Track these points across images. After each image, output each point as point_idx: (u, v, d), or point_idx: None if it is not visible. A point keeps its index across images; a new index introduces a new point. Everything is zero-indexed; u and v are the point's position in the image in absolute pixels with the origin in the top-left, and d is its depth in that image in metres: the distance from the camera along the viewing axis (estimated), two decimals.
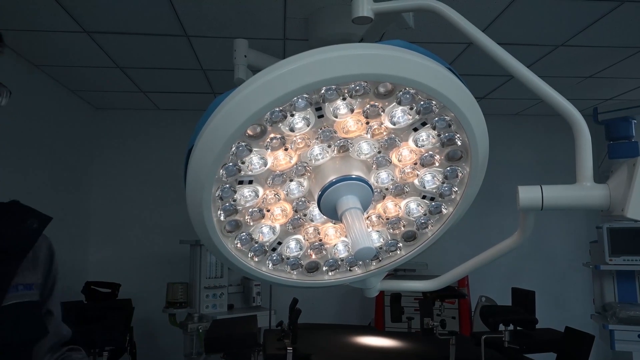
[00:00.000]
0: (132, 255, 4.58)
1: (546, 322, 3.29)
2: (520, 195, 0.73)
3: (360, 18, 0.87)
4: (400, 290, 1.44)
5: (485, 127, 0.73)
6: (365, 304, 4.75)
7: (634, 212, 0.66)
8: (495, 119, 4.31)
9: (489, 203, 4.48)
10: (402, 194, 0.83)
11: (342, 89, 0.65)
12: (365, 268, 0.91)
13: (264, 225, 0.81)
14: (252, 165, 0.72)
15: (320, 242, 0.87)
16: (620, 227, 3.52)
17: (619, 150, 3.70)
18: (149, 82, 3.96)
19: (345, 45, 0.62)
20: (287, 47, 3.18)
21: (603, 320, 3.57)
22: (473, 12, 2.71)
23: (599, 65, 3.60)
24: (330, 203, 0.73)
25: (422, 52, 0.66)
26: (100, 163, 4.66)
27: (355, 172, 0.74)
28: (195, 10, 2.66)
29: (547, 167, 4.89)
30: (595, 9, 2.69)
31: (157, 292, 4.10)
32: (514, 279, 4.41)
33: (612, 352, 3.58)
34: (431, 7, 0.81)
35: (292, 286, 0.90)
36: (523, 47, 3.22)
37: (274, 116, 0.65)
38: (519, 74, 0.76)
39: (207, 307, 3.88)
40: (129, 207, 4.67)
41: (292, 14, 2.71)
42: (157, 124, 4.78)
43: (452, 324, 3.91)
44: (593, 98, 4.42)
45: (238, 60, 1.65)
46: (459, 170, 0.78)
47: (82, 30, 2.90)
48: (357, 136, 0.74)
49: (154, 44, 3.15)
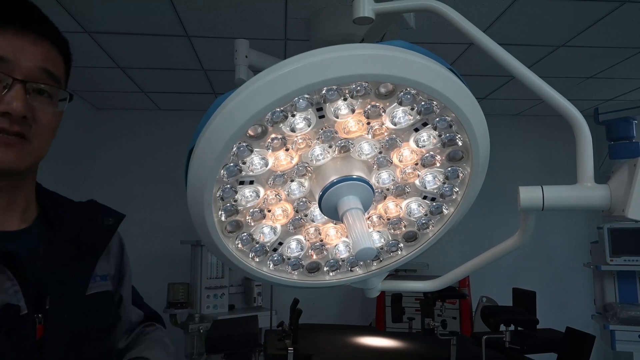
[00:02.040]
0: (133, 255, 4.47)
1: (547, 322, 3.29)
2: (521, 196, 0.73)
3: (361, 18, 0.87)
4: (401, 290, 1.44)
5: (486, 128, 0.73)
6: (366, 304, 4.75)
7: (635, 212, 0.66)
8: (496, 119, 4.31)
9: (490, 203, 4.47)
10: (403, 194, 0.83)
11: (343, 89, 0.65)
12: (366, 268, 0.91)
13: (265, 225, 0.81)
14: (253, 166, 0.72)
15: (321, 243, 0.87)
16: (621, 227, 3.52)
17: (619, 151, 3.70)
18: (150, 82, 3.97)
19: (346, 46, 0.62)
20: (288, 47, 3.18)
21: (604, 320, 3.56)
22: (474, 13, 2.71)
23: (600, 65, 3.60)
24: (331, 203, 0.73)
25: (423, 53, 0.66)
26: (101, 163, 4.66)
27: (356, 172, 0.74)
28: (197, 10, 2.67)
29: (548, 167, 4.89)
30: (596, 10, 2.69)
31: (158, 292, 4.09)
32: (514, 280, 4.41)
33: (613, 353, 3.58)
34: (432, 7, 0.81)
35: (293, 286, 0.90)
36: (524, 48, 3.22)
37: (275, 116, 0.65)
38: (520, 75, 0.76)
39: (208, 308, 3.88)
40: (130, 207, 4.66)
41: (293, 14, 2.71)
42: (158, 125, 4.78)
43: (453, 324, 3.90)
44: (594, 98, 4.41)
45: (239, 60, 1.65)
46: (460, 171, 0.78)
47: (83, 31, 2.90)
48: (358, 136, 0.74)
49: (155, 44, 3.15)
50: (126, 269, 1.12)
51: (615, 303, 3.59)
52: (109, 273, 1.03)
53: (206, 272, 3.92)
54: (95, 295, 0.95)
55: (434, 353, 2.78)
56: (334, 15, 2.05)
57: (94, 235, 0.99)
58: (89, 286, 0.94)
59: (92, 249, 0.98)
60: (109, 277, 1.03)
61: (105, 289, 0.99)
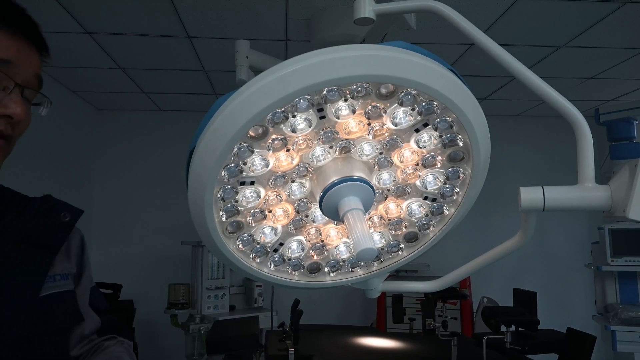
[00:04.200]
0: (134, 256, 4.58)
1: (548, 323, 3.29)
2: (521, 196, 0.73)
3: (362, 19, 0.87)
4: (402, 291, 1.44)
5: (487, 128, 0.73)
6: (367, 305, 4.74)
7: (636, 213, 0.66)
8: (496, 120, 4.30)
9: (490, 204, 4.47)
10: (404, 195, 0.83)
11: (343, 90, 0.65)
12: (367, 269, 0.91)
13: (265, 226, 0.81)
14: (254, 166, 0.72)
15: (322, 243, 0.87)
16: (622, 228, 3.51)
17: (620, 151, 3.70)
18: (151, 83, 3.97)
19: (347, 47, 0.62)
20: (289, 48, 3.18)
21: (605, 321, 3.56)
22: (475, 13, 2.71)
23: (601, 66, 3.60)
24: (332, 204, 0.73)
25: (423, 53, 0.66)
26: (102, 164, 4.67)
27: (357, 173, 0.74)
28: (197, 11, 2.67)
29: (548, 168, 4.89)
30: (597, 10, 2.69)
31: (159, 293, 4.10)
32: (515, 280, 4.41)
33: (613, 353, 3.57)
34: (433, 8, 0.81)
35: (293, 287, 0.90)
36: (525, 48, 3.22)
37: (276, 117, 0.65)
38: (521, 75, 0.76)
39: (209, 308, 3.88)
40: (131, 208, 4.68)
41: (294, 15, 2.71)
42: (159, 125, 4.79)
43: (454, 325, 3.90)
44: (595, 99, 4.41)
45: (240, 61, 1.64)
46: (460, 172, 0.78)
47: (84, 31, 2.90)
48: (358, 137, 0.74)
49: (155, 45, 3.15)
50: (85, 267, 1.06)
51: (616, 304, 3.59)
52: (70, 272, 0.99)
53: (207, 272, 3.93)
54: (53, 295, 0.91)
55: (434, 354, 2.78)
56: (335, 16, 2.04)
57: (50, 232, 0.95)
58: (46, 286, 0.90)
59: (48, 247, 0.93)
60: (71, 276, 0.99)
61: (66, 288, 0.95)
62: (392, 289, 1.00)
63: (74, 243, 1.04)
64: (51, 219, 0.96)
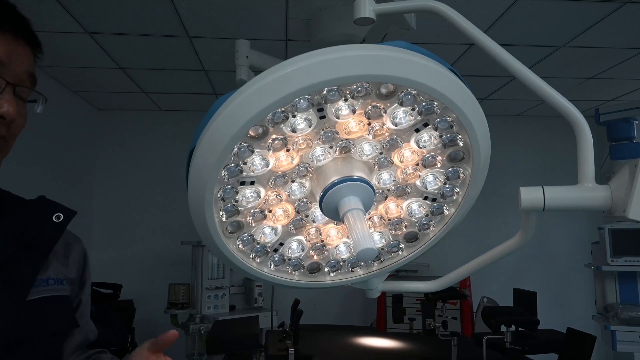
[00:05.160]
0: (134, 256, 4.58)
1: (548, 323, 3.29)
2: (522, 196, 0.73)
3: (362, 19, 0.87)
4: (402, 291, 1.44)
5: (487, 128, 0.73)
6: (367, 305, 4.74)
7: (636, 213, 0.66)
8: (497, 120, 4.30)
9: (490, 204, 4.46)
10: (404, 195, 0.83)
11: (344, 89, 0.65)
12: (367, 269, 0.91)
13: (265, 226, 0.81)
14: (254, 166, 0.72)
15: (322, 243, 0.87)
16: (622, 228, 3.51)
17: (620, 151, 3.69)
18: (151, 83, 3.97)
19: (347, 46, 0.62)
20: (289, 48, 3.18)
21: (605, 321, 3.56)
22: (475, 13, 2.71)
23: (601, 66, 3.59)
24: (332, 204, 0.73)
25: (423, 53, 0.66)
26: (102, 164, 4.67)
27: (357, 173, 0.74)
28: (197, 11, 2.67)
29: (548, 168, 4.89)
30: (597, 10, 2.68)
31: (159, 293, 4.10)
32: (515, 280, 4.41)
33: (613, 353, 3.57)
34: (433, 8, 0.81)
35: (293, 287, 0.90)
36: (525, 48, 3.22)
37: (276, 117, 0.65)
38: (521, 75, 0.76)
39: (209, 308, 3.88)
40: (131, 208, 4.68)
41: (294, 14, 2.71)
42: (159, 125, 4.79)
43: (454, 324, 3.90)
44: (595, 99, 4.41)
45: (240, 61, 1.65)
46: (460, 171, 0.78)
47: (84, 31, 2.90)
48: (359, 137, 0.74)
49: (155, 45, 3.15)
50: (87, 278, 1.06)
51: (616, 304, 3.58)
52: (67, 277, 0.97)
53: (207, 272, 3.92)
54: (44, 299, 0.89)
55: (434, 354, 2.78)
56: (335, 16, 2.05)
57: (42, 232, 0.93)
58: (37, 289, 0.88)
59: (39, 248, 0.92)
60: (67, 281, 0.97)
61: (60, 293, 0.93)
62: (392, 289, 1.00)
63: (75, 251, 1.03)
64: (43, 219, 0.95)
